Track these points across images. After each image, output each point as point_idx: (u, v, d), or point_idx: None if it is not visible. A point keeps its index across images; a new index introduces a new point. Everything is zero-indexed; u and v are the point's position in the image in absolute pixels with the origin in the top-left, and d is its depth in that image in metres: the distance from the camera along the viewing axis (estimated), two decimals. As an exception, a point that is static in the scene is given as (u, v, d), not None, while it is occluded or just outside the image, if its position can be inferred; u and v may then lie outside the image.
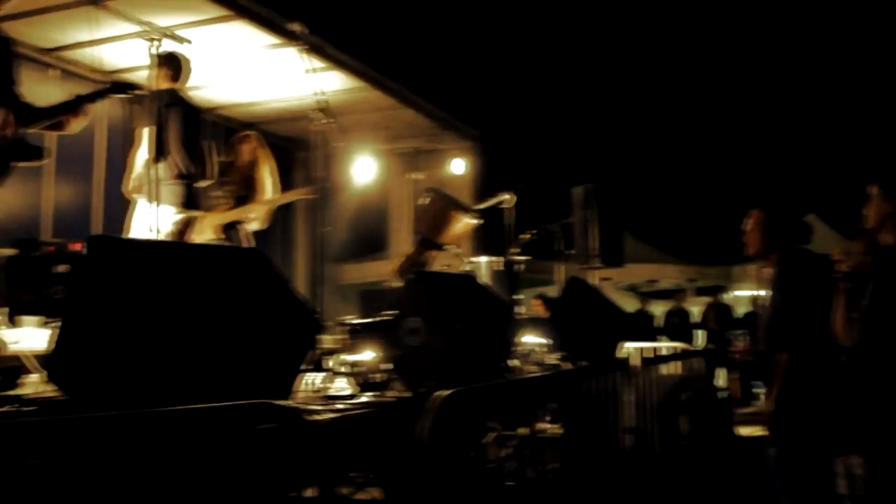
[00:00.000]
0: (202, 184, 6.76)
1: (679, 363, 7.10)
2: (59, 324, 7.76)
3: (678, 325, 16.21)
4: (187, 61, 6.42)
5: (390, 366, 4.30)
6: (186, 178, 6.31)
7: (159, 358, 3.04)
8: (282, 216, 14.35)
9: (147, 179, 6.06)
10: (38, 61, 9.75)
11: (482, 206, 7.31)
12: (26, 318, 8.09)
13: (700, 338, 16.36)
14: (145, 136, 6.11)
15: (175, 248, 3.36)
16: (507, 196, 7.45)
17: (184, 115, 6.22)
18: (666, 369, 6.04)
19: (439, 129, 13.20)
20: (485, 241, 7.62)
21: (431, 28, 11.85)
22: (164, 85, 6.14)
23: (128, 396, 2.98)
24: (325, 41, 9.84)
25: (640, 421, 5.10)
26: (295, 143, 14.22)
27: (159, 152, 6.00)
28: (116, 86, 4.83)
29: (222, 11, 8.91)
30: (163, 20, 7.24)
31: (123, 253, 3.09)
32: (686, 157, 23.45)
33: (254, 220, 7.42)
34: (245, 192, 7.43)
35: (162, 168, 6.03)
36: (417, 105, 12.26)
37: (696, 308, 17.68)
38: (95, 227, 10.60)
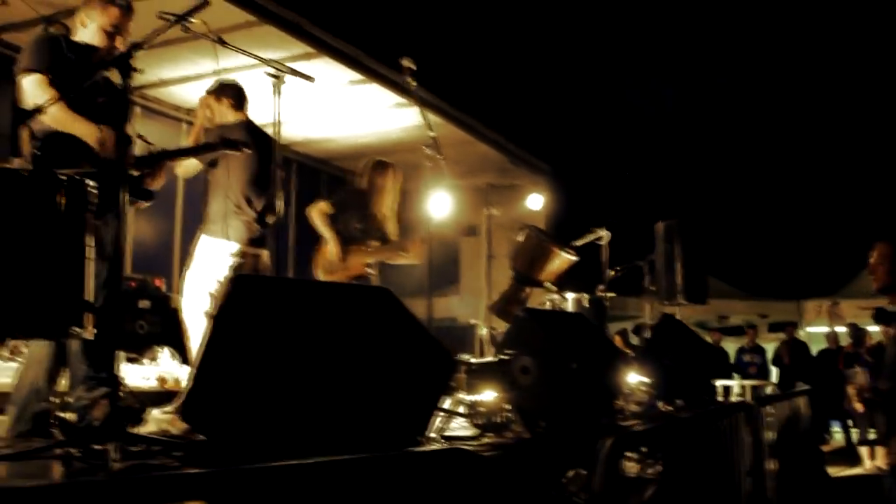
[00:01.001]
0: (271, 219, 6.53)
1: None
2: (149, 360, 7.74)
3: (753, 363, 15.90)
4: (242, 88, 6.22)
5: (508, 406, 4.21)
6: (260, 215, 6.15)
7: (297, 397, 2.99)
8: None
9: (211, 213, 5.99)
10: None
11: (579, 242, 7.19)
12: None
13: (775, 376, 16.03)
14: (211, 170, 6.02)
15: (312, 288, 3.32)
16: (602, 232, 7.32)
17: (252, 146, 6.08)
18: (773, 409, 5.87)
19: (511, 165, 13.16)
20: (569, 276, 7.51)
21: (506, 62, 11.84)
22: (231, 117, 6.02)
23: (265, 437, 2.93)
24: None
25: (755, 462, 4.94)
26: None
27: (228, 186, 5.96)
28: (226, 142, 4.78)
29: (307, 49, 8.98)
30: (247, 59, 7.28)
31: (264, 292, 3.05)
32: (753, 189, 23.15)
33: (409, 257, 7.05)
34: (383, 225, 7.07)
35: (224, 202, 5.96)
36: (492, 140, 12.23)
37: (767, 344, 17.32)
38: (174, 263, 10.69)
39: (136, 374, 7.11)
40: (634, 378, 6.03)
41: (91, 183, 3.37)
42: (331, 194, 7.35)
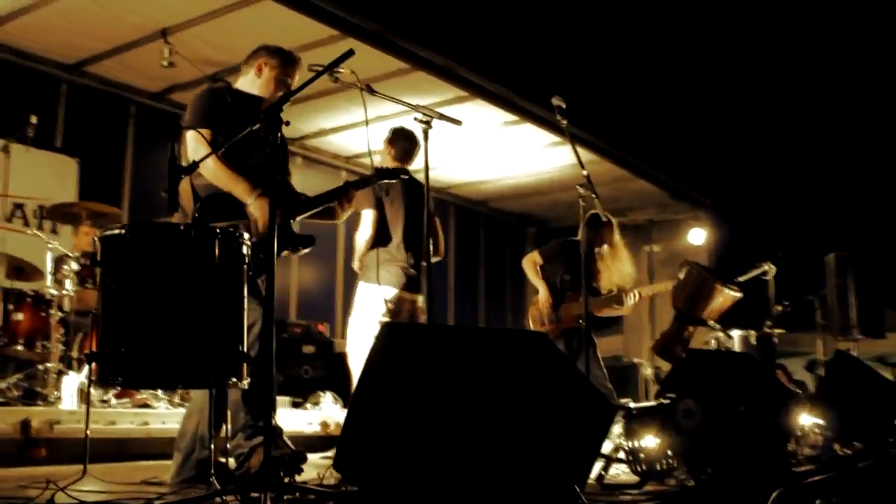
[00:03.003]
0: (431, 260, 6.49)
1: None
2: (312, 405, 7.85)
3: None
4: (416, 139, 6.25)
5: (670, 452, 4.04)
6: (415, 261, 6.18)
7: (449, 447, 2.93)
8: (512, 290, 14.33)
9: (368, 261, 6.03)
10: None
11: (744, 277, 6.91)
12: (277, 399, 8.34)
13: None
14: (365, 217, 6.08)
15: (463, 334, 3.28)
16: (767, 266, 7.02)
17: (405, 193, 6.11)
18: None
19: (671, 199, 12.88)
20: (734, 313, 7.23)
21: (661, 96, 11.61)
22: (389, 164, 6.06)
23: (419, 488, 2.88)
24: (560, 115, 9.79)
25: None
26: (524, 218, 14.28)
27: (380, 234, 6.03)
28: (383, 172, 4.82)
29: (459, 92, 9.07)
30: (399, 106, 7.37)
31: (414, 340, 3.02)
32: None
33: (622, 309, 6.96)
34: (596, 277, 6.92)
35: (382, 249, 6.03)
36: (649, 175, 12.01)
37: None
38: (337, 309, 10.90)
39: (300, 419, 7.22)
40: (807, 419, 5.72)
41: (246, 236, 3.43)
42: (543, 245, 7.27)
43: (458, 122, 4.33)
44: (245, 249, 3.40)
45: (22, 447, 5.31)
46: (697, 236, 10.71)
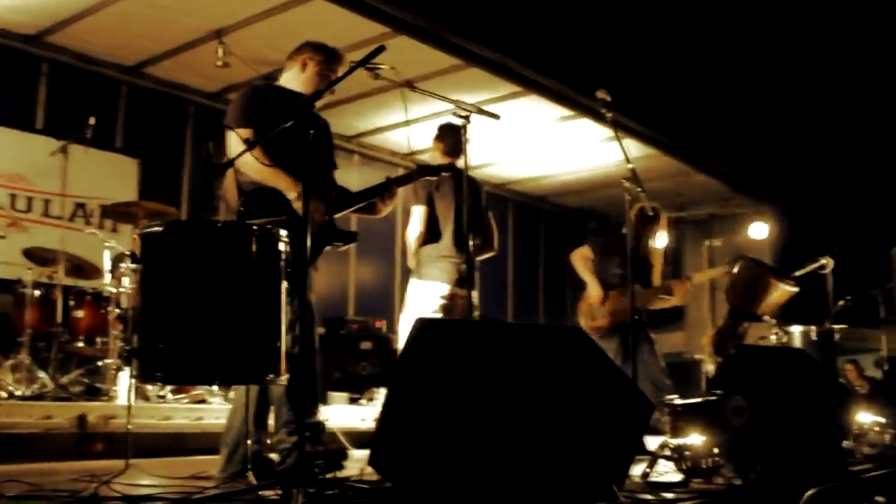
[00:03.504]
0: (484, 255, 6.44)
1: None
2: (367, 401, 7.85)
3: None
4: (459, 134, 6.16)
5: (717, 449, 3.96)
6: (462, 255, 6.11)
7: (484, 444, 2.90)
8: (572, 286, 14.23)
9: (419, 257, 6.01)
10: (341, 148, 10.25)
11: (800, 272, 6.75)
12: (335, 395, 8.40)
13: None
14: (415, 213, 6.06)
15: (497, 329, 3.25)
16: (825, 260, 6.84)
17: (456, 188, 6.05)
18: None
19: (734, 193, 12.69)
20: (795, 308, 7.07)
21: (722, 87, 11.42)
22: (440, 160, 6.03)
23: (453, 486, 2.86)
24: (615, 110, 9.69)
25: None
26: (585, 213, 14.19)
27: (430, 230, 6.02)
28: (424, 168, 4.80)
29: (514, 88, 9.03)
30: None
31: (447, 335, 3.00)
32: None
33: (674, 300, 6.84)
34: (647, 270, 6.85)
35: (433, 246, 6.02)
36: (710, 169, 11.83)
37: None
38: (395, 306, 10.93)
39: (355, 416, 7.25)
40: (868, 417, 5.58)
41: (283, 232, 3.43)
42: (593, 239, 7.23)
43: (496, 117, 4.30)
44: (283, 245, 3.40)
45: (78, 441, 5.44)
46: (759, 230, 10.46)
